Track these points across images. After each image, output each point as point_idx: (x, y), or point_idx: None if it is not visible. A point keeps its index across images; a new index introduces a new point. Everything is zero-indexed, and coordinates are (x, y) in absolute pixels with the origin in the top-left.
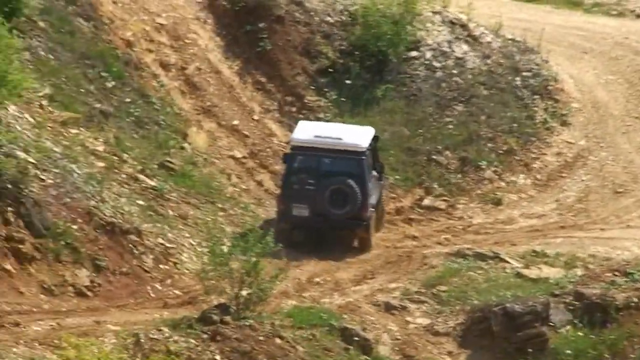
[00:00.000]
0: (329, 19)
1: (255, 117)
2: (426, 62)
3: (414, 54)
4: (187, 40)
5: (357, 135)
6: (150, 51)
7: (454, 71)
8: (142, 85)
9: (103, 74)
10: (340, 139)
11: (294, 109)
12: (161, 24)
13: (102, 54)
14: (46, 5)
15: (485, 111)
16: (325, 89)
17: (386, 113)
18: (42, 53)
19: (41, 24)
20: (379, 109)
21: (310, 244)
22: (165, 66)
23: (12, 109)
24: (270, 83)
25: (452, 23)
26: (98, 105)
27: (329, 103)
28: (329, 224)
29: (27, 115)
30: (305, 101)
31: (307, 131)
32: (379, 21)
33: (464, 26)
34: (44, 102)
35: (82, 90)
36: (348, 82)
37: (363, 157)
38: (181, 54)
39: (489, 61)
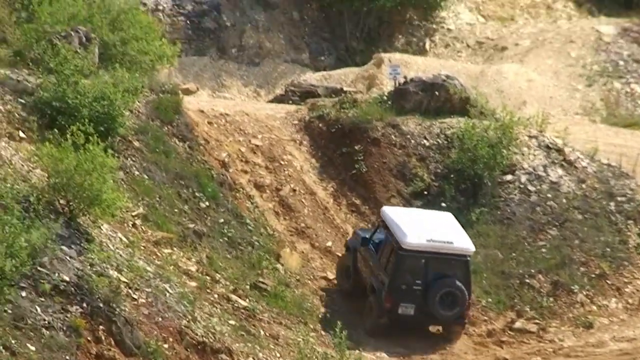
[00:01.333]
0: (425, 142)
1: None
2: (521, 185)
3: (509, 177)
4: (282, 162)
5: (464, 239)
6: (245, 172)
7: (549, 195)
8: (236, 206)
9: (197, 194)
10: (451, 242)
11: None
12: (256, 145)
13: (196, 174)
14: (141, 125)
15: (579, 235)
16: None
17: (480, 236)
18: (137, 172)
19: (136, 143)
20: (473, 232)
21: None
22: (259, 187)
23: (105, 227)
24: (364, 205)
25: (548, 147)
26: (192, 226)
27: None
28: (432, 322)
29: (120, 235)
30: None
31: (418, 234)
32: (476, 145)
33: (559, 151)
34: (138, 222)
35: (176, 210)
36: (443, 204)
37: (469, 259)
38: (276, 175)
39: (583, 186)
